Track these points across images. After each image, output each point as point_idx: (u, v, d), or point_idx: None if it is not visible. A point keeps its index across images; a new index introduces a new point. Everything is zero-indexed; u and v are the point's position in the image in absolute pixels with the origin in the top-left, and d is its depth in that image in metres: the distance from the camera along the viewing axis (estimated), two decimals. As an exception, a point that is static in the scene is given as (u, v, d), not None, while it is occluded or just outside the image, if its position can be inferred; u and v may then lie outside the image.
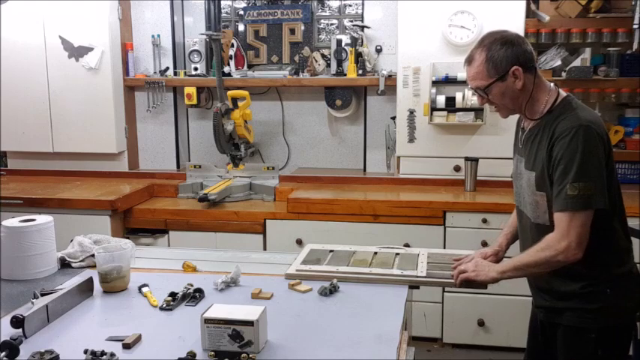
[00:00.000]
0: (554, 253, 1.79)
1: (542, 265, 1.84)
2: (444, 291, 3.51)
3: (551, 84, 1.97)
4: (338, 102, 4.08)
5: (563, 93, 1.95)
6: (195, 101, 4.10)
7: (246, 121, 4.01)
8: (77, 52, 4.04)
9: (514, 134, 2.14)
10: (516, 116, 3.24)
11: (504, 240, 2.22)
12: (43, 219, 2.22)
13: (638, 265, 1.98)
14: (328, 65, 4.19)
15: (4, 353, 1.50)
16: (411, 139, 3.80)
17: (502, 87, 1.91)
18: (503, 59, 1.88)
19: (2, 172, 4.31)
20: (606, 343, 1.88)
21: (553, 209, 1.83)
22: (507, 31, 1.96)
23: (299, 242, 3.52)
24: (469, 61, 1.96)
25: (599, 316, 1.87)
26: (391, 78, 3.88)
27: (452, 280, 2.06)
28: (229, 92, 3.93)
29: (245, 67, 4.31)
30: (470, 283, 2.02)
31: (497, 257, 2.17)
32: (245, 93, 3.95)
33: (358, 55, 4.00)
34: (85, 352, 1.53)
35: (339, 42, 4.00)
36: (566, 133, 1.81)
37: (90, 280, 2.01)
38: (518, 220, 2.11)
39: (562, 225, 1.79)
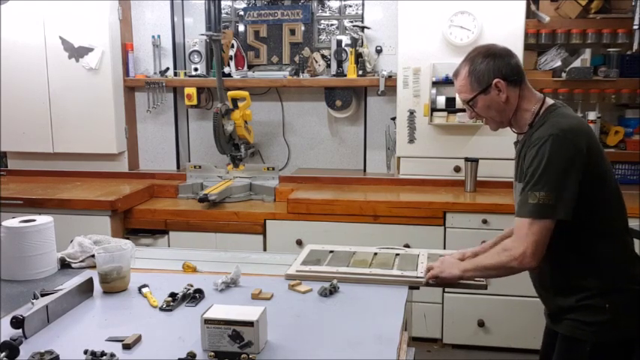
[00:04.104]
0: (510, 258, 1.80)
1: (499, 269, 1.87)
2: (444, 291, 3.50)
3: (539, 94, 1.96)
4: (338, 102, 4.08)
5: (549, 102, 1.93)
6: (195, 102, 4.10)
7: (246, 122, 4.01)
8: (77, 52, 4.04)
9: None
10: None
11: (489, 245, 2.19)
12: (43, 219, 2.22)
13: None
14: (328, 66, 4.19)
15: (4, 354, 1.50)
16: (411, 140, 3.80)
17: (486, 100, 1.92)
18: (485, 72, 1.89)
19: (2, 173, 4.31)
20: (601, 358, 1.86)
21: (515, 214, 1.84)
22: (494, 45, 1.97)
23: (299, 243, 3.52)
24: (455, 75, 1.98)
25: (595, 329, 1.84)
26: (391, 78, 3.88)
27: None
28: (229, 93, 3.93)
29: (245, 68, 4.31)
30: (440, 282, 2.03)
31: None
32: (245, 93, 3.95)
33: (358, 56, 4.00)
34: (85, 352, 1.53)
35: (339, 42, 4.00)
36: (535, 143, 1.81)
37: (90, 281, 2.01)
38: None
39: (520, 231, 1.80)
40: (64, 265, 2.28)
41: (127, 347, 1.60)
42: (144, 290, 2.01)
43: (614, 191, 1.89)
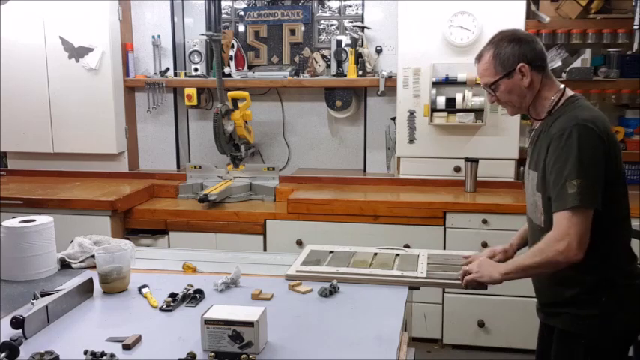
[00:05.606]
0: (554, 253, 1.77)
1: (544, 267, 1.82)
2: (444, 292, 3.50)
3: (561, 84, 1.96)
4: (338, 103, 4.08)
5: (569, 92, 1.94)
6: (195, 102, 4.10)
7: (246, 122, 4.00)
8: (77, 52, 4.04)
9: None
10: (517, 118, 3.25)
11: (516, 239, 2.22)
12: (43, 220, 2.22)
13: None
14: (328, 66, 4.19)
15: (4, 354, 1.50)
16: (411, 140, 3.80)
17: (509, 84, 1.92)
18: (510, 56, 1.89)
19: (2, 173, 4.31)
20: (597, 352, 1.86)
21: (552, 210, 1.80)
22: (519, 30, 1.99)
23: (299, 243, 3.52)
24: (478, 58, 1.98)
25: (591, 323, 1.85)
26: (391, 79, 3.88)
27: (452, 281, 2.06)
28: (229, 93, 3.93)
29: (245, 68, 4.31)
30: (475, 285, 2.01)
31: (506, 255, 2.18)
32: (245, 94, 3.95)
33: (358, 56, 4.00)
34: (85, 352, 1.53)
35: (339, 43, 4.00)
36: (561, 133, 1.79)
37: (90, 281, 2.01)
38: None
39: (562, 224, 1.76)
40: (64, 265, 2.28)
41: (127, 347, 1.61)
42: (144, 290, 2.01)
43: (623, 188, 1.90)
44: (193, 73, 4.20)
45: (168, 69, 4.26)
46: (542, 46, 1.95)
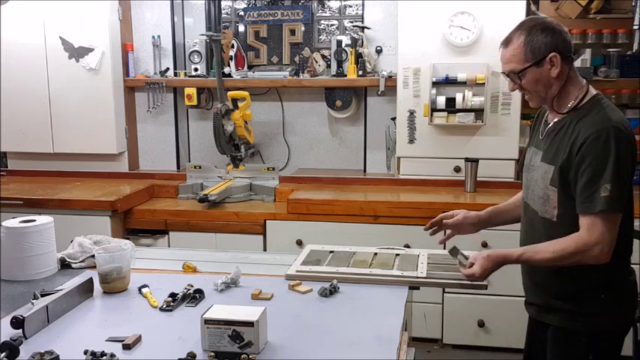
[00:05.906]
0: (585, 256, 1.76)
1: (568, 266, 1.82)
2: (444, 292, 3.50)
3: (584, 80, 1.93)
4: (338, 103, 4.08)
5: (593, 91, 1.91)
6: (195, 102, 4.10)
7: (246, 122, 4.00)
8: (77, 52, 4.04)
9: (531, 126, 2.13)
10: (517, 117, 3.23)
11: (487, 216, 2.29)
12: (43, 220, 2.22)
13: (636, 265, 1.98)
14: (328, 66, 4.19)
15: (4, 354, 1.50)
16: (411, 140, 3.80)
17: (537, 73, 1.87)
18: (542, 45, 1.84)
19: (2, 173, 4.31)
20: (597, 348, 1.86)
21: (580, 210, 1.78)
22: (548, 18, 1.94)
23: (299, 243, 3.52)
24: (506, 43, 1.91)
25: (591, 320, 1.85)
26: (391, 79, 3.88)
27: (452, 281, 2.06)
28: (229, 93, 3.93)
29: (245, 68, 4.31)
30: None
31: (465, 215, 2.28)
32: (245, 94, 3.95)
33: (358, 56, 4.00)
34: (85, 352, 1.53)
35: (339, 43, 4.01)
36: (597, 135, 1.76)
37: (90, 281, 2.01)
38: (522, 213, 2.08)
39: (596, 229, 1.75)
40: (64, 265, 2.28)
41: (127, 347, 1.61)
42: (144, 290, 2.01)
43: (631, 189, 1.89)
44: (193, 73, 4.20)
45: (168, 69, 4.26)
46: (571, 38, 1.92)
